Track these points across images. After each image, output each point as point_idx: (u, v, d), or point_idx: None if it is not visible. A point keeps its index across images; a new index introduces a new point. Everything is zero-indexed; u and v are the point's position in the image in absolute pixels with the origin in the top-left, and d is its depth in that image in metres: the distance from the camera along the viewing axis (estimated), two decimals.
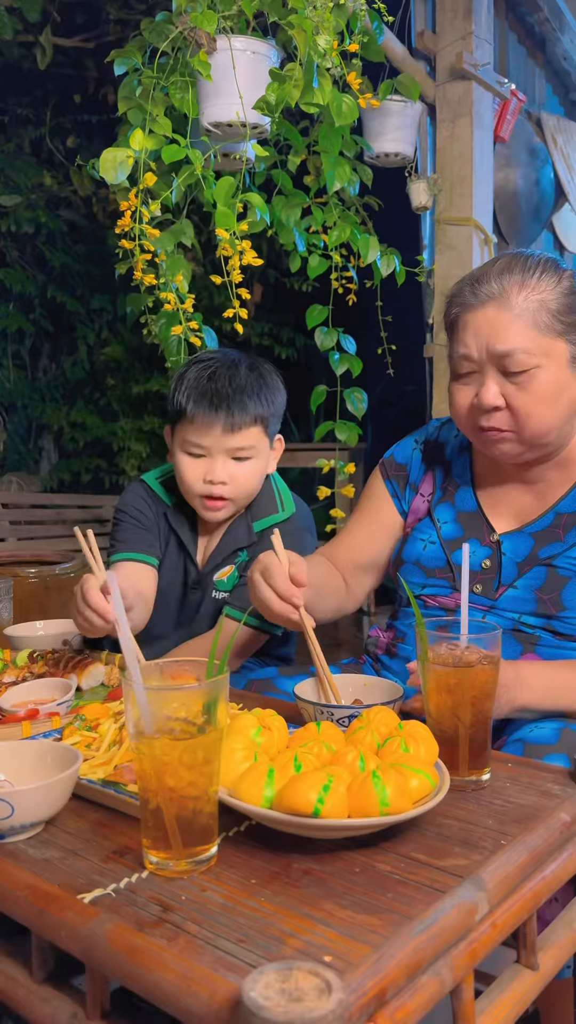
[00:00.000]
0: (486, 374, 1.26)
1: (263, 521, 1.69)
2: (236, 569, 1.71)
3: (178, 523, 1.73)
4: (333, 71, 2.06)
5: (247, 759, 0.89)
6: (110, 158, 2.00)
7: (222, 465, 1.60)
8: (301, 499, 1.80)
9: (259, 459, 1.64)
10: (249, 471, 1.63)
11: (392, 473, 1.55)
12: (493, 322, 1.24)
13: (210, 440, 1.59)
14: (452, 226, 3.03)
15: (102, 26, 3.85)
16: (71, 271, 5.01)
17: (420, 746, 0.92)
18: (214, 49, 1.97)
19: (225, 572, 1.71)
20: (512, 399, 1.25)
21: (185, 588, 1.75)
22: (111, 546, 1.73)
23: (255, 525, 1.69)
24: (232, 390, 1.58)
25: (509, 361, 1.23)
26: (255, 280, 5.04)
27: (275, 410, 1.66)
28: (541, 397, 1.24)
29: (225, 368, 1.62)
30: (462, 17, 2.96)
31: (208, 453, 1.61)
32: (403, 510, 1.52)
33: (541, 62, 3.97)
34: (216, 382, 1.59)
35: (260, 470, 1.66)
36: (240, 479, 1.62)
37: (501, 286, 1.24)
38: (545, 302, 1.23)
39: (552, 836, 0.87)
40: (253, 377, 1.62)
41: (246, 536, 1.69)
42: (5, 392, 5.05)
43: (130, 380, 5.13)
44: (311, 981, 0.58)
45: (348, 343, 2.57)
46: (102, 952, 0.68)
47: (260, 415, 1.61)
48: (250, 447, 1.61)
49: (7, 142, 4.71)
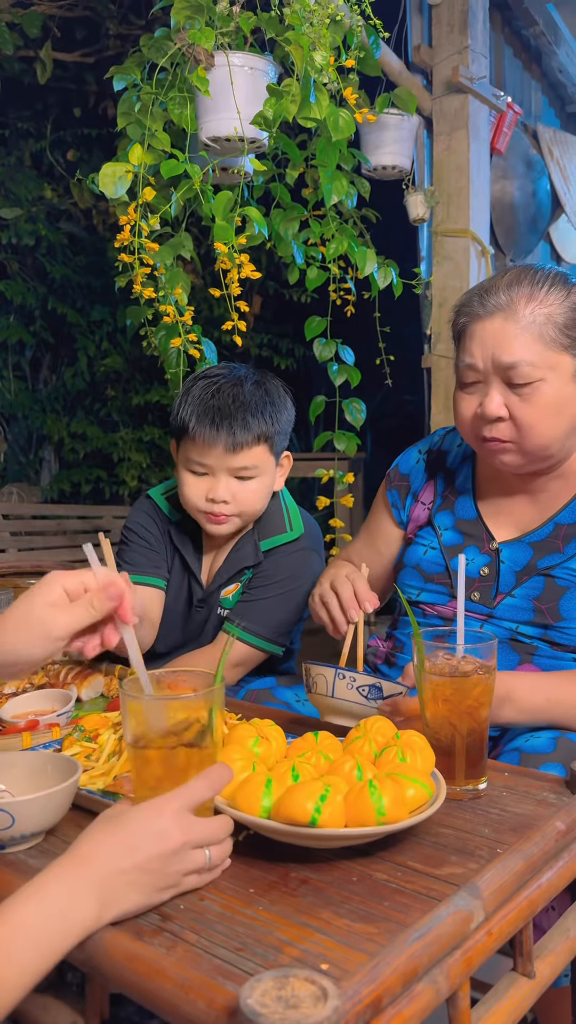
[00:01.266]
0: (490, 384, 1.27)
1: (270, 540, 1.66)
2: (241, 587, 1.68)
3: (181, 540, 1.71)
4: (330, 86, 2.08)
5: (245, 769, 0.90)
6: (109, 173, 2.01)
7: (224, 484, 1.57)
8: (311, 516, 1.77)
9: (264, 477, 1.61)
10: (253, 490, 1.59)
11: (395, 483, 1.56)
12: (499, 333, 1.25)
13: (212, 459, 1.56)
14: (449, 238, 3.05)
15: (102, 41, 3.88)
16: (71, 283, 5.04)
17: (417, 756, 0.93)
18: (212, 65, 1.99)
19: (231, 590, 1.68)
20: (515, 410, 1.26)
21: (190, 606, 1.72)
22: (118, 566, 1.71)
23: (262, 544, 1.66)
24: (235, 408, 1.54)
25: (513, 373, 1.24)
26: (254, 292, 5.07)
27: (280, 428, 1.62)
28: (544, 410, 1.25)
29: (229, 385, 1.58)
30: (458, 31, 2.98)
31: (210, 471, 1.57)
32: (401, 520, 1.53)
33: (537, 75, 4.01)
34: (219, 399, 1.55)
35: (265, 488, 1.62)
36: (243, 498, 1.58)
37: (509, 298, 1.25)
38: (552, 316, 1.24)
39: (548, 845, 0.87)
40: (259, 394, 1.59)
41: (252, 555, 1.66)
42: (6, 403, 5.07)
43: (130, 391, 5.15)
44: (307, 988, 0.59)
45: (346, 354, 2.58)
46: (101, 960, 0.69)
47: (264, 433, 1.57)
48: (253, 466, 1.57)
49: (8, 155, 4.75)
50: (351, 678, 1.07)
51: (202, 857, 0.77)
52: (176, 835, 0.74)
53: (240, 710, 1.29)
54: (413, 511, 1.52)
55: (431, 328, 3.16)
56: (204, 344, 2.24)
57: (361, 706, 1.10)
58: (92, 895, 0.70)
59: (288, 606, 1.65)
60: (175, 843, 0.74)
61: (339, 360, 2.58)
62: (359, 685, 1.06)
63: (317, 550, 1.72)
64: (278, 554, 1.65)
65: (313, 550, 1.70)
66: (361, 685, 1.06)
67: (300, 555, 1.66)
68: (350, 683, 1.06)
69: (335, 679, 1.07)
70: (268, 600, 1.64)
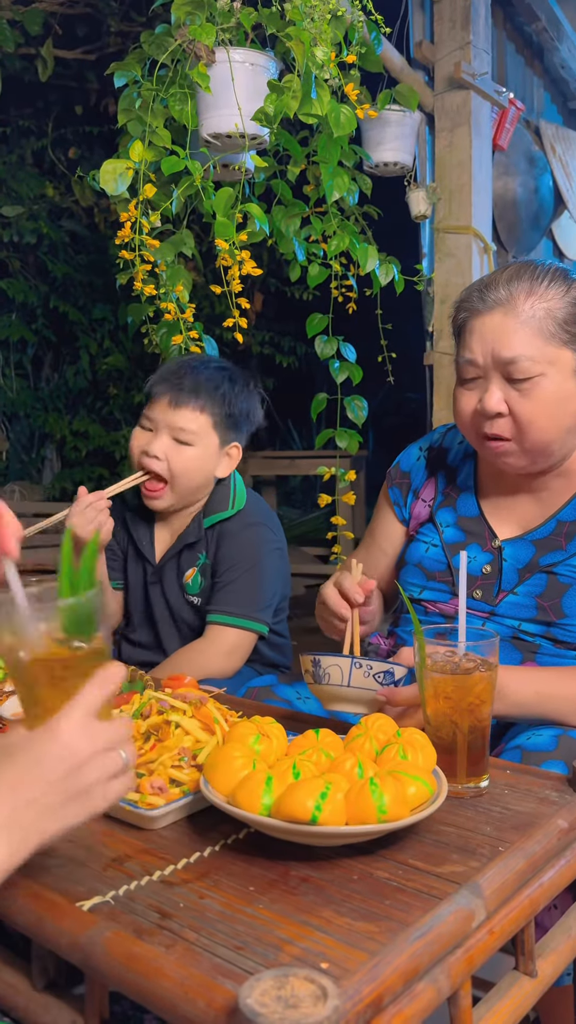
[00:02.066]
0: (490, 380, 1.26)
1: (212, 517, 1.75)
2: (199, 572, 1.75)
3: (135, 523, 1.81)
4: (331, 82, 2.07)
5: (246, 766, 0.89)
6: (110, 169, 2.01)
7: (161, 440, 1.68)
8: (260, 497, 1.85)
9: (201, 449, 1.69)
10: (187, 457, 1.68)
11: (396, 481, 1.56)
12: (499, 328, 1.24)
13: (156, 412, 1.68)
14: (451, 234, 3.05)
15: (103, 38, 3.87)
16: (73, 281, 5.04)
17: (418, 753, 0.93)
18: (213, 61, 1.99)
19: (189, 574, 1.76)
20: (515, 406, 1.25)
21: (145, 584, 1.81)
22: None
23: (205, 521, 1.75)
24: (191, 375, 1.67)
25: (513, 368, 1.23)
26: (256, 289, 5.07)
27: (232, 411, 1.72)
28: (544, 405, 1.24)
29: (197, 362, 1.72)
30: (460, 27, 2.97)
31: (155, 427, 1.69)
32: (403, 517, 1.53)
33: (539, 71, 4.00)
34: (181, 367, 1.69)
35: (199, 460, 1.70)
36: (176, 462, 1.67)
37: (509, 292, 1.25)
38: (552, 311, 1.24)
39: (550, 843, 0.87)
40: (220, 376, 1.71)
41: (196, 531, 1.74)
42: (8, 401, 5.07)
43: (132, 389, 5.15)
44: (307, 988, 0.58)
45: (348, 351, 2.58)
46: (100, 959, 0.68)
47: (208, 405, 1.68)
48: (191, 431, 1.67)
49: (9, 153, 4.75)
50: (368, 666, 1.08)
51: (119, 758, 0.72)
52: (83, 745, 0.70)
53: (241, 707, 1.28)
54: (414, 508, 1.51)
55: (433, 325, 3.15)
56: (205, 341, 2.23)
57: (373, 692, 1.11)
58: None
59: (255, 582, 1.72)
60: (83, 754, 0.70)
61: (341, 357, 2.57)
62: (375, 672, 1.07)
63: (267, 523, 1.79)
64: (227, 535, 1.74)
65: (262, 523, 1.77)
66: (377, 672, 1.08)
67: (251, 531, 1.74)
68: (367, 671, 1.08)
69: (352, 668, 1.08)
70: (235, 582, 1.71)
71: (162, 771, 0.96)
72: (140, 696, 1.11)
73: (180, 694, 1.11)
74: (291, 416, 5.76)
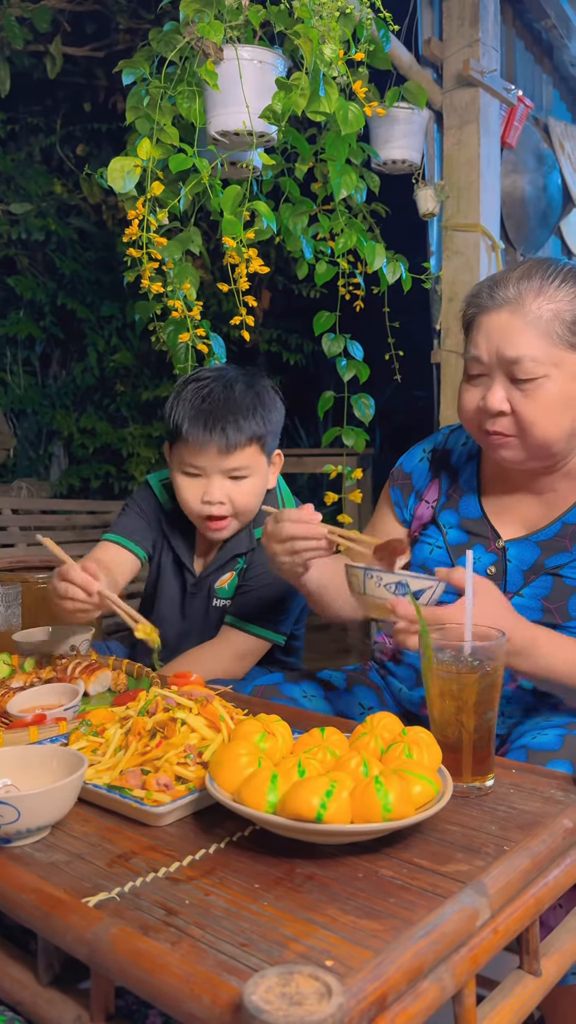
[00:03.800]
0: (494, 378, 1.26)
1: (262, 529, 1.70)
2: (236, 576, 1.72)
3: (172, 530, 1.75)
4: (339, 80, 2.07)
5: (251, 764, 0.89)
6: (118, 167, 2.01)
7: (218, 485, 1.61)
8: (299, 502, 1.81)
9: (256, 477, 1.64)
10: (247, 490, 1.63)
11: (398, 481, 1.56)
12: (505, 327, 1.24)
13: (205, 460, 1.60)
14: (459, 232, 3.04)
15: (112, 35, 3.87)
16: (81, 278, 5.04)
17: (423, 752, 0.93)
18: (221, 59, 1.99)
19: (226, 579, 1.72)
20: (517, 405, 1.24)
21: (184, 592, 1.77)
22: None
23: (256, 532, 1.70)
24: (227, 411, 1.58)
25: (517, 368, 1.23)
26: (263, 287, 5.07)
27: (272, 428, 1.66)
28: (547, 406, 1.23)
29: (221, 388, 1.61)
30: (469, 24, 2.96)
31: (204, 473, 1.61)
32: (404, 518, 1.53)
33: (548, 68, 3.98)
34: (210, 402, 1.58)
35: (259, 487, 1.66)
36: (238, 498, 1.62)
37: (518, 291, 1.24)
38: (560, 312, 1.22)
39: (555, 842, 0.87)
40: (250, 396, 1.62)
41: (247, 541, 1.70)
42: (15, 398, 5.08)
43: (139, 386, 5.15)
44: (311, 985, 0.58)
45: (355, 349, 2.58)
46: (106, 955, 0.69)
47: (256, 434, 1.61)
48: (246, 467, 1.61)
49: (18, 151, 4.75)
50: (378, 577, 1.15)
51: None
52: None
53: (247, 706, 1.29)
54: (417, 509, 1.51)
55: (440, 323, 3.15)
56: (213, 339, 2.23)
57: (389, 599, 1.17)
58: None
59: (282, 594, 1.68)
60: None
61: (348, 355, 2.57)
62: (385, 583, 1.14)
63: None
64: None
65: None
66: (388, 583, 1.14)
67: None
68: (378, 581, 1.14)
69: (365, 578, 1.16)
70: (262, 589, 1.68)
71: (168, 768, 0.97)
72: (146, 693, 1.12)
73: (186, 692, 1.11)
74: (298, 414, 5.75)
